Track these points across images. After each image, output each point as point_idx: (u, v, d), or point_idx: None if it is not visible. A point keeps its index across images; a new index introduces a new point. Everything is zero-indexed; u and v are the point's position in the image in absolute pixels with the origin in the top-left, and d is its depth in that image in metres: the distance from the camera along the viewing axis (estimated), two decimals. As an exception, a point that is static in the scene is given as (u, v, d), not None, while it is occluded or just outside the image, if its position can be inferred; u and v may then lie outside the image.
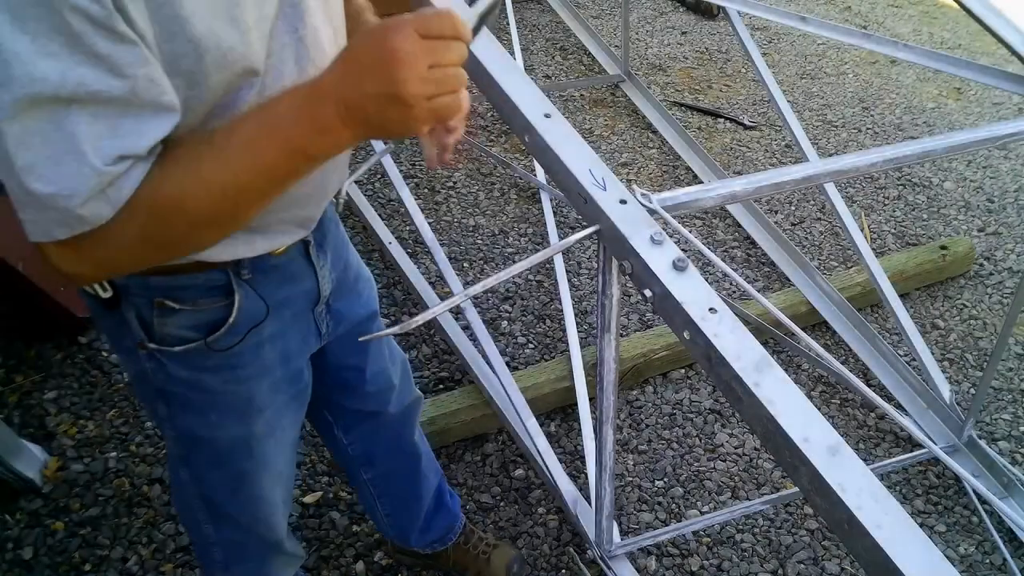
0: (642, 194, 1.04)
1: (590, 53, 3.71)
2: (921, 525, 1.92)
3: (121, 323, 0.97)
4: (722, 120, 3.39)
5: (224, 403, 1.07)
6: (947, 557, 1.87)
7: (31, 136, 0.65)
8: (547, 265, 2.55)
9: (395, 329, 1.00)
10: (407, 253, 2.52)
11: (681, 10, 4.24)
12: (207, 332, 0.99)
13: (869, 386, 2.23)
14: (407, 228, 2.68)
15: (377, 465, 1.50)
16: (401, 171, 2.85)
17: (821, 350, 0.91)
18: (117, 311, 0.96)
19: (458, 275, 2.44)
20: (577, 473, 1.98)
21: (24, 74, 0.63)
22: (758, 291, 2.52)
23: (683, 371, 2.28)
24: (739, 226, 2.77)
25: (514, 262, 2.59)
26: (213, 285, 0.96)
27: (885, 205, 2.97)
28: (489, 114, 3.26)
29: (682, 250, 0.97)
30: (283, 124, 0.72)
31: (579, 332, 2.26)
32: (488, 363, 2.07)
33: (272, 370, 1.09)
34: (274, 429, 1.15)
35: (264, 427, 1.13)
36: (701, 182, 2.91)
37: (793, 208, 2.93)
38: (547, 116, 1.15)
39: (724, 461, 2.05)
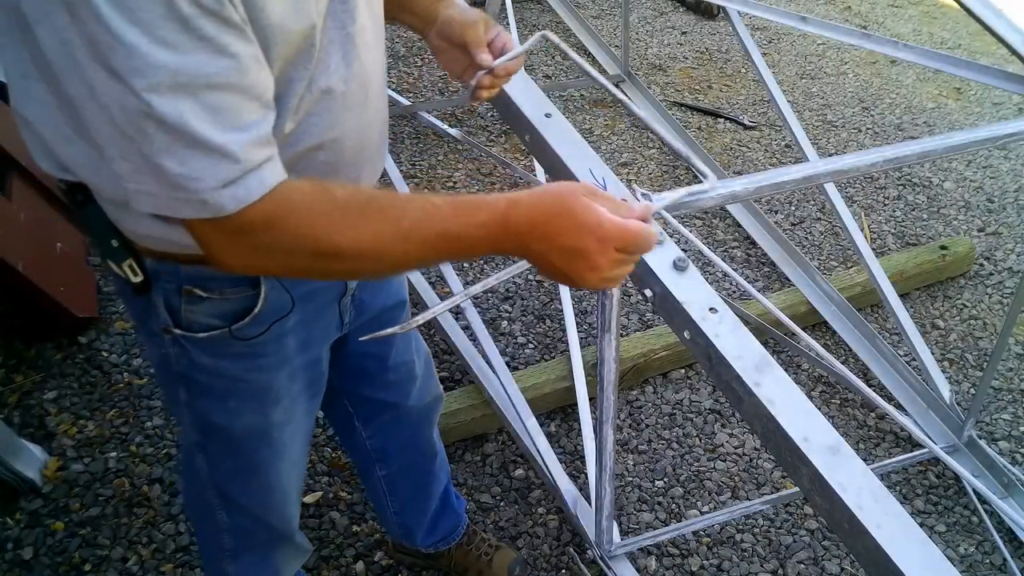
0: (642, 194, 1.04)
1: (590, 53, 3.71)
2: (921, 525, 1.92)
3: (148, 307, 0.99)
4: (722, 120, 3.39)
5: (244, 391, 1.09)
6: (947, 557, 1.86)
7: (161, 121, 0.68)
8: (547, 265, 2.55)
9: (395, 329, 1.00)
10: (407, 253, 2.52)
11: (681, 10, 4.24)
12: (232, 321, 1.00)
13: (869, 386, 2.22)
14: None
15: (392, 462, 1.50)
16: (401, 171, 2.85)
17: (821, 350, 0.91)
18: (146, 296, 0.98)
19: (458, 275, 2.44)
20: (577, 473, 1.98)
21: (144, 64, 0.66)
22: (758, 291, 2.52)
23: (683, 371, 2.28)
24: (739, 226, 2.77)
25: (514, 262, 2.59)
26: (240, 276, 0.98)
27: (885, 205, 2.97)
28: (489, 114, 3.26)
29: (682, 250, 0.97)
30: (466, 238, 0.80)
31: (579, 332, 2.26)
32: (488, 363, 2.07)
33: (292, 359, 1.10)
34: (291, 418, 1.16)
35: (281, 415, 1.14)
36: (701, 182, 2.91)
37: (793, 208, 2.93)
38: (547, 116, 1.16)
39: (724, 461, 2.05)
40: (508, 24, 3.36)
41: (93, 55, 0.67)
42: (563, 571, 1.80)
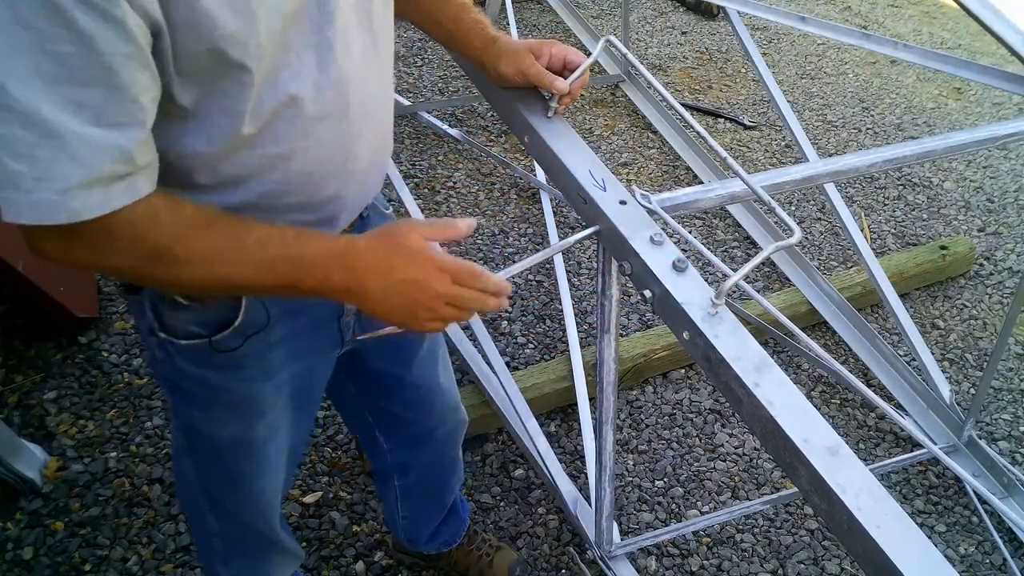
0: (641, 195, 1.04)
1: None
2: (921, 525, 1.92)
3: (140, 309, 0.99)
4: (722, 120, 3.39)
5: (227, 401, 1.07)
6: (947, 557, 1.86)
7: (10, 108, 0.66)
8: (547, 265, 2.55)
9: (391, 329, 1.00)
10: (407, 253, 2.52)
11: (681, 10, 4.23)
12: (213, 331, 0.99)
13: (869, 386, 2.22)
14: (407, 228, 2.67)
15: (411, 475, 1.50)
16: (401, 171, 2.85)
17: (820, 351, 0.91)
18: (139, 296, 0.98)
19: (458, 275, 2.43)
20: (577, 473, 1.98)
21: (4, 46, 0.64)
22: (758, 291, 2.52)
23: (683, 371, 2.28)
24: (739, 226, 2.77)
25: (514, 262, 2.59)
26: None
27: (885, 205, 2.97)
28: (489, 114, 3.26)
29: (682, 250, 0.97)
30: (305, 264, 0.82)
31: (579, 332, 2.26)
32: (488, 363, 2.07)
33: (277, 374, 1.08)
34: (276, 432, 1.15)
35: (266, 430, 1.13)
36: (701, 182, 2.91)
37: (793, 208, 2.92)
38: (547, 116, 1.16)
39: (724, 461, 2.05)
40: (508, 24, 3.36)
41: None
42: (563, 571, 1.80)
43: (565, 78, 1.13)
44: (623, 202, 1.02)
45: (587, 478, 1.81)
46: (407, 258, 0.83)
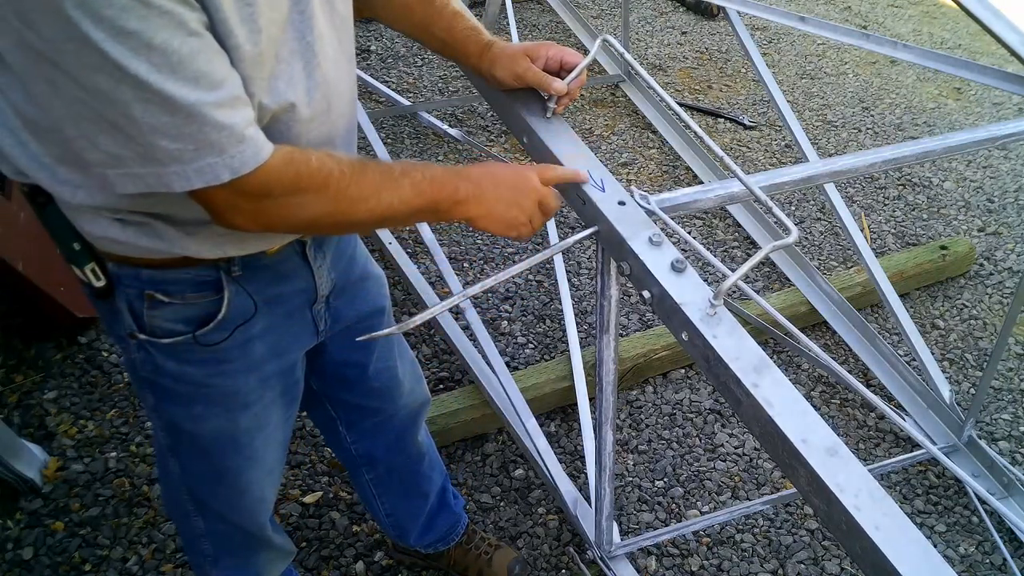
0: (640, 195, 1.05)
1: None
2: (921, 525, 1.92)
3: (114, 312, 0.99)
4: (722, 120, 3.39)
5: (209, 396, 1.08)
6: (947, 557, 1.87)
7: (147, 99, 0.72)
8: (547, 265, 2.55)
9: (394, 329, 1.00)
10: (407, 253, 2.52)
11: (681, 10, 4.23)
12: (196, 326, 0.99)
13: (869, 386, 2.22)
14: (407, 228, 2.68)
15: (378, 465, 1.50)
16: (401, 171, 2.85)
17: (819, 351, 0.91)
18: (110, 300, 0.97)
19: (458, 275, 2.44)
20: (577, 473, 1.98)
21: (117, 55, 0.69)
22: (758, 291, 2.52)
23: (683, 371, 2.28)
24: (739, 226, 2.77)
25: (514, 262, 2.59)
26: (202, 280, 0.97)
27: (885, 205, 2.97)
28: (489, 114, 3.26)
29: (681, 251, 0.97)
30: (438, 180, 0.95)
31: (579, 332, 2.26)
32: (488, 363, 2.07)
33: (261, 365, 1.09)
34: (263, 425, 1.15)
35: (251, 422, 1.13)
36: (701, 182, 2.91)
37: (793, 208, 2.92)
38: (546, 117, 1.16)
39: (724, 461, 2.05)
40: (508, 24, 3.36)
41: (59, 55, 0.68)
42: (563, 571, 1.80)
43: (562, 79, 1.13)
44: (622, 203, 1.03)
45: (587, 478, 1.81)
46: (505, 166, 1.01)
